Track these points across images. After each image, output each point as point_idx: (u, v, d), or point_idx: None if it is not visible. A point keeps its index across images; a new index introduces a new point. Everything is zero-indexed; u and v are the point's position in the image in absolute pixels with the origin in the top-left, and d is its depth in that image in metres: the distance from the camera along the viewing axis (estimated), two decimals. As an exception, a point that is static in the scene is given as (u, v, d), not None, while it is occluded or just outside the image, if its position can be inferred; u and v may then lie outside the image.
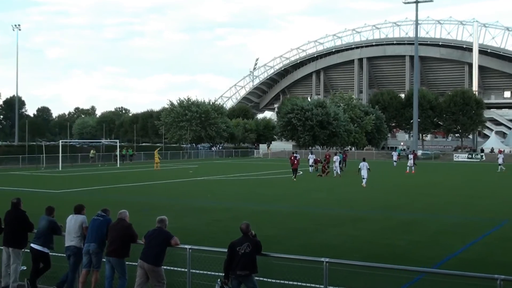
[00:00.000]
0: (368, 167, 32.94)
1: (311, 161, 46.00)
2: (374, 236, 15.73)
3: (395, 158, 57.20)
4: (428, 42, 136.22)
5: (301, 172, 42.48)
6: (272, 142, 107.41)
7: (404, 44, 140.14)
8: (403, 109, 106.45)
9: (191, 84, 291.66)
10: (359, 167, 33.20)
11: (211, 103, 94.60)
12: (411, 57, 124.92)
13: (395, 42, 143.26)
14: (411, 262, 11.64)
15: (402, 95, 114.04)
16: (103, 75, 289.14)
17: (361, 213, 20.79)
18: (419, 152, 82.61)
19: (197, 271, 9.79)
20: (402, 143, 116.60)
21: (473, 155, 76.29)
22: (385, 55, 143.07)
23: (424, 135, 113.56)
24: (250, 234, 8.48)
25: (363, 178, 32.41)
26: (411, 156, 49.31)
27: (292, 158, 41.71)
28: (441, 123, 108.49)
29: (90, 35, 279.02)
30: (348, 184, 34.43)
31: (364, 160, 34.35)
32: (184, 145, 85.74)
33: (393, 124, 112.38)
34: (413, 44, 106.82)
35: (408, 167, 47.55)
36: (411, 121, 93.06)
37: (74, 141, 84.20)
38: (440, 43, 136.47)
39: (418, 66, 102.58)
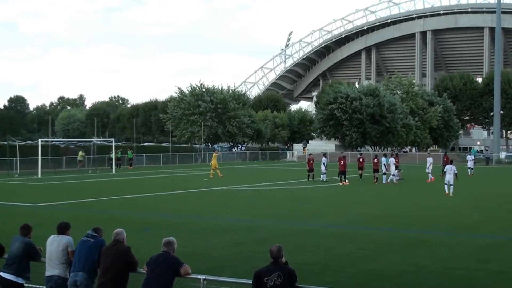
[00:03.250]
0: (455, 171, 33.66)
1: (392, 167, 42.33)
2: (442, 264, 15.60)
3: (470, 164, 55.57)
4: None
5: (348, 182, 42.30)
6: (310, 141, 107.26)
7: (482, 12, 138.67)
8: (480, 98, 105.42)
9: (206, 67, 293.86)
10: (444, 170, 34.25)
11: (230, 90, 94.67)
12: (492, 30, 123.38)
13: (469, 10, 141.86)
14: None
15: (479, 80, 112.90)
16: (95, 56, 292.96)
17: (425, 234, 20.63)
18: (502, 155, 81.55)
19: (213, 309, 9.81)
20: (478, 143, 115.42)
21: None
22: (457, 27, 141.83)
23: (508, 132, 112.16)
24: (281, 261, 8.46)
25: (450, 185, 33.09)
26: (430, 160, 46.35)
27: (310, 161, 45.63)
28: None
29: (78, 5, 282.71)
30: (408, 196, 34.28)
31: (451, 162, 34.94)
32: (197, 145, 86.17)
33: (467, 118, 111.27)
34: (494, 12, 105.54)
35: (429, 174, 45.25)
36: (491, 113, 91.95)
37: (58, 140, 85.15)
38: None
39: (501, 41, 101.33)
